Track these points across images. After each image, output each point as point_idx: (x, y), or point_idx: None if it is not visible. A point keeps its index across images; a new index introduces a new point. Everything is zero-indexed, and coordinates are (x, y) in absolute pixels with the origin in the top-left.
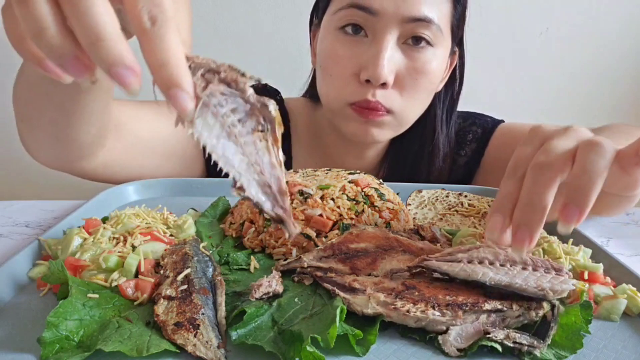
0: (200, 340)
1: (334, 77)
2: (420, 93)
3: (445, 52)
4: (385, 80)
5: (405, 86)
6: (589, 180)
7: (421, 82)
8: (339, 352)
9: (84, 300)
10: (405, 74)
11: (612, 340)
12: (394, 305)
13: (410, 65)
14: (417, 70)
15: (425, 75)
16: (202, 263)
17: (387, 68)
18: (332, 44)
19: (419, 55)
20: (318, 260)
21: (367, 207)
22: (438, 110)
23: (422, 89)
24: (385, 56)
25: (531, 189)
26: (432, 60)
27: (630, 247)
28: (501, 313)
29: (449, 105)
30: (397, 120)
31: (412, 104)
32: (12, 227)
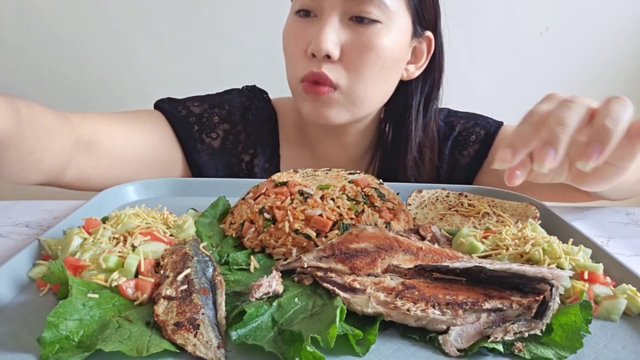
0: (200, 340)
1: (288, 57)
2: (368, 69)
3: (401, 30)
4: (327, 52)
5: (352, 61)
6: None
7: (368, 56)
8: (339, 352)
9: (84, 300)
10: (352, 49)
11: (612, 340)
12: (394, 304)
13: (357, 39)
14: (363, 44)
15: (372, 50)
16: (202, 263)
17: (329, 40)
18: (288, 25)
19: (364, 30)
20: (318, 260)
21: (367, 207)
22: (414, 98)
23: (370, 64)
24: (326, 29)
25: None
26: (379, 36)
27: (630, 247)
28: (501, 312)
29: (427, 94)
30: (347, 98)
31: (361, 81)
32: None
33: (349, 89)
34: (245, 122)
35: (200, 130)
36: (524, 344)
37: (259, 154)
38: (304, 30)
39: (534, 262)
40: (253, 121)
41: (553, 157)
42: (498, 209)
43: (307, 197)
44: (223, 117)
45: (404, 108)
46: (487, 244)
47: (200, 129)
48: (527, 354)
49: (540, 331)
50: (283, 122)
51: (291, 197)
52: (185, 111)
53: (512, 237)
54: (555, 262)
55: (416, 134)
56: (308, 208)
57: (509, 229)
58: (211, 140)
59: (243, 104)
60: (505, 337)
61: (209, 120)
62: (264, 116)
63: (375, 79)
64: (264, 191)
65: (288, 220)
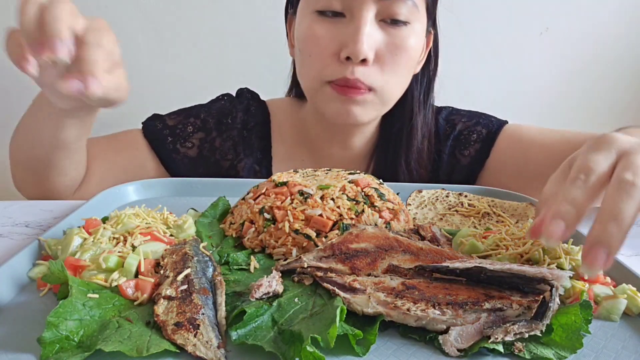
0: (200, 340)
1: (314, 58)
2: (401, 69)
3: (422, 29)
4: (366, 56)
5: (386, 62)
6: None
7: (401, 58)
8: (339, 352)
9: (84, 300)
10: (385, 51)
11: (612, 340)
12: (394, 304)
13: (390, 41)
14: (396, 46)
15: (405, 51)
16: (202, 263)
17: (366, 44)
18: (310, 25)
19: (397, 32)
20: (318, 260)
21: (367, 207)
22: (415, 91)
23: (402, 65)
24: (364, 32)
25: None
26: (410, 37)
27: (630, 247)
28: (501, 312)
29: (425, 86)
30: (379, 98)
31: (393, 81)
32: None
33: (383, 90)
34: (220, 128)
35: (174, 142)
36: (524, 344)
37: (243, 158)
38: (333, 32)
39: (534, 262)
40: (232, 125)
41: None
42: (498, 209)
43: (307, 197)
44: (198, 126)
45: (408, 102)
46: (487, 244)
47: (174, 140)
48: (527, 354)
49: (540, 332)
50: (277, 123)
51: (291, 197)
52: (160, 125)
53: (512, 237)
54: (555, 262)
55: (421, 127)
56: (308, 208)
57: (509, 229)
58: (187, 150)
59: (222, 109)
60: (505, 338)
61: (182, 131)
62: (253, 119)
63: (405, 79)
64: (264, 191)
65: (288, 220)
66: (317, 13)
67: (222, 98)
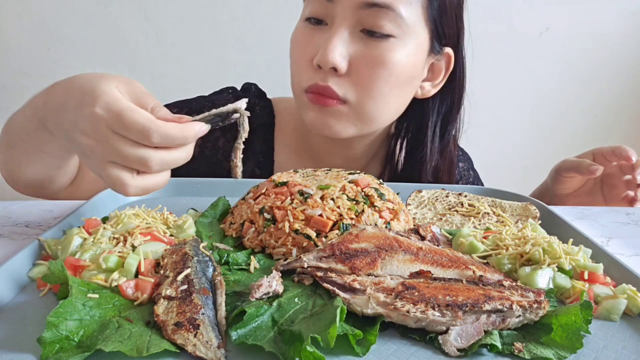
0: (200, 340)
1: (294, 64)
2: (379, 86)
3: (417, 46)
4: (334, 64)
5: (361, 77)
6: None
7: (379, 73)
8: (339, 352)
9: (84, 300)
10: (361, 63)
11: (612, 340)
12: (394, 305)
13: (367, 53)
14: (373, 60)
15: (383, 66)
16: (202, 263)
17: (336, 52)
18: (296, 32)
19: (377, 44)
20: (318, 260)
21: (367, 207)
22: (431, 117)
23: (380, 81)
24: (335, 40)
25: None
26: (392, 51)
27: (630, 247)
28: (501, 313)
29: (445, 114)
30: (355, 113)
31: (370, 98)
32: (12, 227)
33: (358, 104)
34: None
35: None
36: (524, 344)
37: (245, 160)
38: (312, 38)
39: (534, 262)
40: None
41: None
42: (498, 209)
43: (307, 197)
44: None
45: (419, 128)
46: (487, 244)
47: None
48: (527, 354)
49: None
50: (281, 126)
51: (291, 197)
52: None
53: (512, 237)
54: (556, 262)
55: (432, 157)
56: (308, 208)
57: (509, 229)
58: None
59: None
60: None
61: None
62: (257, 119)
63: (387, 97)
64: (264, 191)
65: (288, 220)
66: (306, 21)
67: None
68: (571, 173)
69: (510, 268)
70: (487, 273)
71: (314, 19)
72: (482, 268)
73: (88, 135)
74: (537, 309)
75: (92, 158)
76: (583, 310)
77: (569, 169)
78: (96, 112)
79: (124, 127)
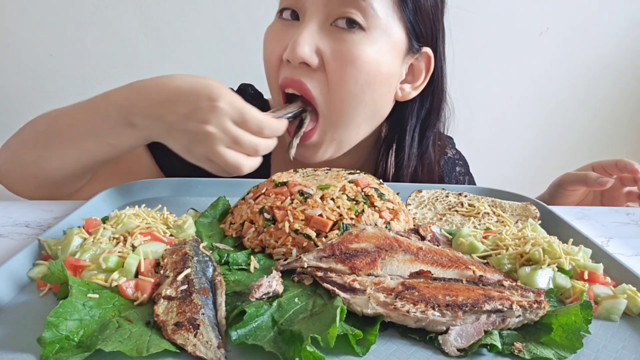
0: (200, 340)
1: (266, 61)
2: (349, 82)
3: (392, 43)
4: (303, 59)
5: (332, 72)
6: None
7: (349, 68)
8: (339, 352)
9: (84, 300)
10: (331, 58)
11: (612, 340)
12: (394, 305)
13: (337, 47)
14: (343, 54)
15: (352, 62)
16: (202, 263)
17: (305, 46)
18: (269, 29)
19: (347, 37)
20: (318, 260)
21: (367, 207)
22: (409, 121)
23: (351, 77)
24: (304, 34)
25: None
26: (362, 45)
27: (630, 247)
28: (501, 313)
29: (423, 118)
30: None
31: (341, 96)
32: (12, 227)
33: (329, 104)
34: None
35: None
36: (524, 344)
37: None
38: (283, 34)
39: (534, 262)
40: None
41: None
42: (498, 209)
43: (307, 197)
44: None
45: (399, 132)
46: (487, 244)
47: None
48: (527, 354)
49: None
50: None
51: (291, 197)
52: None
53: (512, 237)
54: (556, 262)
55: (409, 162)
56: (308, 208)
57: (509, 229)
58: None
59: None
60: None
61: None
62: None
63: (358, 96)
64: (264, 191)
65: (288, 220)
66: (278, 17)
67: None
68: (576, 186)
69: (510, 268)
70: (487, 273)
71: (287, 14)
72: (482, 268)
73: (208, 123)
74: (537, 309)
75: (205, 144)
76: (583, 310)
77: (573, 182)
78: (220, 106)
79: (245, 121)
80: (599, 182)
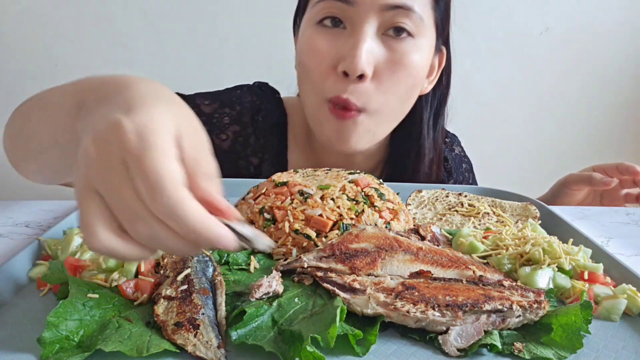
0: (200, 340)
1: (312, 72)
2: (398, 88)
3: (429, 46)
4: (363, 72)
5: (383, 80)
6: None
7: (400, 75)
8: (339, 352)
9: (84, 300)
10: (384, 67)
11: (612, 340)
12: (394, 305)
13: (390, 57)
14: (396, 62)
15: (404, 68)
16: (202, 263)
17: (365, 59)
18: (311, 37)
19: (399, 45)
20: (318, 260)
21: (367, 207)
22: (425, 113)
23: (401, 83)
24: (363, 47)
25: None
26: (412, 52)
27: (630, 247)
28: (501, 313)
29: (436, 108)
30: (372, 119)
31: (389, 100)
32: (12, 227)
33: (377, 109)
34: (255, 124)
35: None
36: (523, 344)
37: (267, 158)
38: (333, 42)
39: (534, 262)
40: (262, 123)
41: None
42: (498, 209)
43: (307, 197)
44: (233, 118)
45: (416, 124)
46: (487, 244)
47: (210, 130)
48: (527, 354)
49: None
50: (293, 126)
51: (291, 197)
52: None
53: (512, 237)
54: (555, 262)
55: (429, 151)
56: (308, 208)
57: (509, 229)
58: (221, 142)
59: (253, 104)
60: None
61: (219, 121)
62: (274, 118)
63: (403, 99)
64: (264, 191)
65: (288, 220)
66: (318, 24)
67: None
68: (581, 186)
69: (510, 268)
70: (487, 273)
71: (329, 22)
72: (482, 268)
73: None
74: (537, 309)
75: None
76: (583, 310)
77: (578, 182)
78: (123, 125)
79: (140, 168)
80: (604, 181)
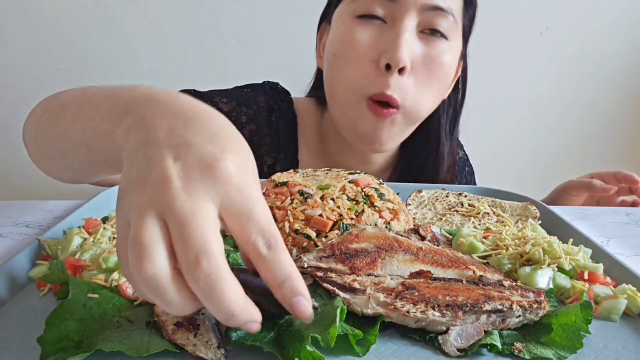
0: (200, 340)
1: (352, 64)
2: (433, 86)
3: (458, 50)
4: (405, 64)
5: (419, 76)
6: None
7: (435, 72)
8: (339, 352)
9: (84, 300)
10: (421, 63)
11: (612, 340)
12: (394, 305)
13: (427, 53)
14: (432, 59)
15: (439, 66)
16: None
17: (406, 51)
18: (351, 29)
19: (434, 44)
20: (318, 260)
21: (367, 207)
22: (442, 119)
23: (435, 80)
24: (405, 38)
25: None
26: (446, 52)
27: (630, 247)
28: (501, 313)
29: (452, 116)
30: (407, 118)
31: (423, 96)
32: (12, 227)
33: (412, 106)
34: (270, 124)
35: None
36: (523, 344)
37: (281, 158)
38: (374, 37)
39: (534, 262)
40: (276, 124)
41: None
42: (498, 209)
43: (307, 197)
44: (250, 117)
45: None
46: (487, 244)
47: None
48: (527, 354)
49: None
50: (304, 127)
51: (291, 197)
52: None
53: (512, 237)
54: (556, 262)
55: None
56: (308, 208)
57: (509, 229)
58: None
59: (268, 103)
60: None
61: (237, 120)
62: (286, 119)
63: (435, 97)
64: (264, 191)
65: (288, 220)
66: (358, 18)
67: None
68: (581, 191)
69: (510, 268)
70: (487, 273)
71: (372, 17)
72: (482, 268)
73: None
74: (537, 309)
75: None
76: (583, 310)
77: (578, 188)
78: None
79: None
80: (603, 188)
